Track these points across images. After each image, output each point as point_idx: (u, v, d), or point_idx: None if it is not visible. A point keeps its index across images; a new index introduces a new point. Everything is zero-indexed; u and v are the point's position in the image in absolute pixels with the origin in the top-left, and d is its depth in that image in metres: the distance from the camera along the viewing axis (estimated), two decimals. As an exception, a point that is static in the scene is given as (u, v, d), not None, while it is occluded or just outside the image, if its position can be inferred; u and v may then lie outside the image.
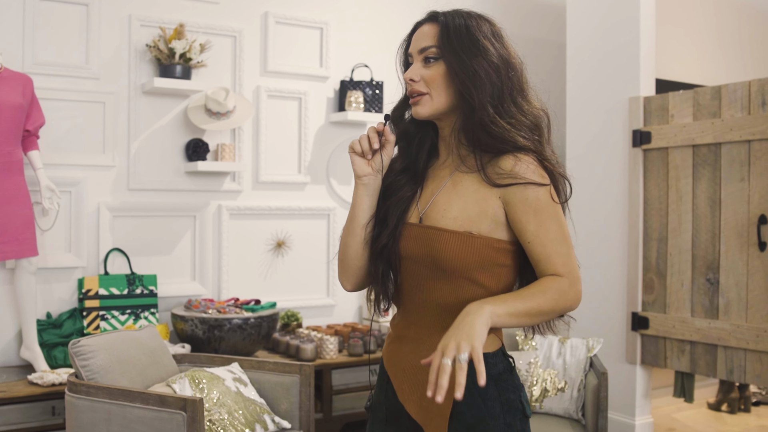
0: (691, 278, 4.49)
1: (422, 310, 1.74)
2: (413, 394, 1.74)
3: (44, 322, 4.27)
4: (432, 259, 1.68)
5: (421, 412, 1.72)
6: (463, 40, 1.70)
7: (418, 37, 1.76)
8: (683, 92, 4.55)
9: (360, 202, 1.77)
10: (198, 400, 2.81)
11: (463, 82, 1.68)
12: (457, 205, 1.70)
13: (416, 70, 1.73)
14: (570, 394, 3.73)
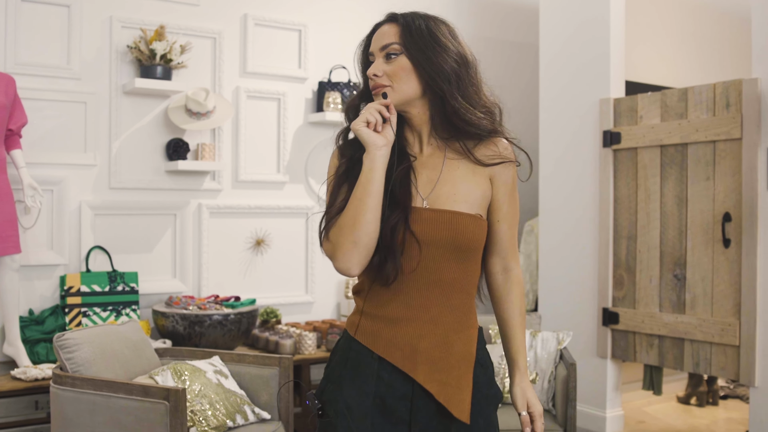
0: (659, 274, 4.63)
1: (432, 289, 1.78)
2: (431, 373, 1.77)
3: (26, 318, 4.34)
4: (454, 242, 1.76)
5: (443, 389, 1.77)
6: (425, 39, 1.83)
7: (379, 36, 1.86)
8: (651, 94, 4.69)
9: (378, 177, 1.74)
10: (181, 390, 2.90)
11: (431, 77, 1.80)
12: (462, 190, 1.81)
13: (379, 65, 1.82)
14: (541, 385, 3.85)
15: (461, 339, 1.80)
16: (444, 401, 1.76)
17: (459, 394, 1.77)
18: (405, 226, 1.75)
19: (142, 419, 2.94)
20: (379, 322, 1.80)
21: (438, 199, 1.80)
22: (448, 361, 1.78)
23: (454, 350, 1.79)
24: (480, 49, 6.48)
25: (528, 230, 5.70)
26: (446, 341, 1.78)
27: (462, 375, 1.78)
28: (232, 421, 3.33)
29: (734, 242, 4.24)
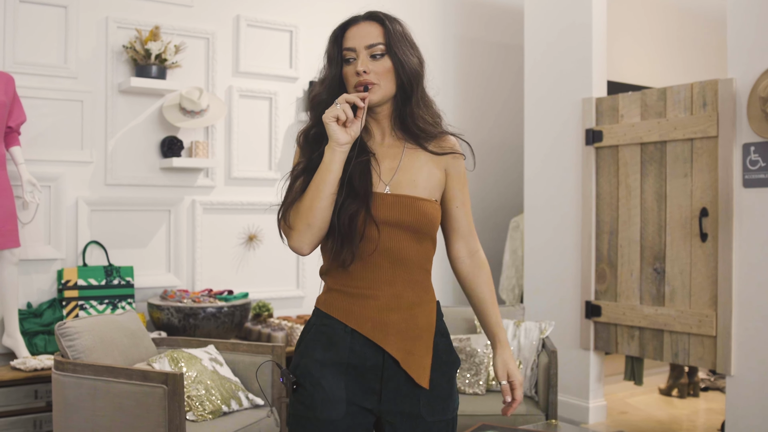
0: (639, 268, 4.78)
1: (396, 267, 1.95)
2: (398, 342, 1.94)
3: (25, 311, 4.45)
4: (415, 224, 1.95)
5: (406, 357, 1.94)
6: (404, 42, 1.99)
7: (363, 34, 1.98)
8: (632, 94, 4.84)
9: (336, 169, 1.89)
10: (179, 375, 3.03)
11: (408, 78, 1.98)
12: (421, 177, 1.99)
13: (367, 63, 1.95)
14: (524, 373, 4.00)
15: (423, 312, 1.98)
16: (407, 368, 1.94)
17: (421, 362, 1.95)
18: (365, 212, 1.91)
19: (142, 403, 3.06)
20: (349, 298, 1.96)
21: (399, 185, 1.97)
22: (413, 332, 1.95)
23: (418, 322, 1.96)
24: (466, 50, 6.66)
25: (513, 226, 5.84)
26: (411, 314, 1.96)
27: (424, 344, 1.97)
28: (227, 406, 3.46)
29: (711, 236, 4.40)
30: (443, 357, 2.02)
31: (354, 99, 1.88)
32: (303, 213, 1.90)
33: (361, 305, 1.95)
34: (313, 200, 1.89)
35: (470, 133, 6.19)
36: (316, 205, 1.88)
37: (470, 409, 3.77)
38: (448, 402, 2.01)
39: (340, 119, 1.88)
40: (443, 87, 6.21)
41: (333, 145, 1.89)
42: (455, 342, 4.08)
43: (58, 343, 3.34)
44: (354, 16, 2.04)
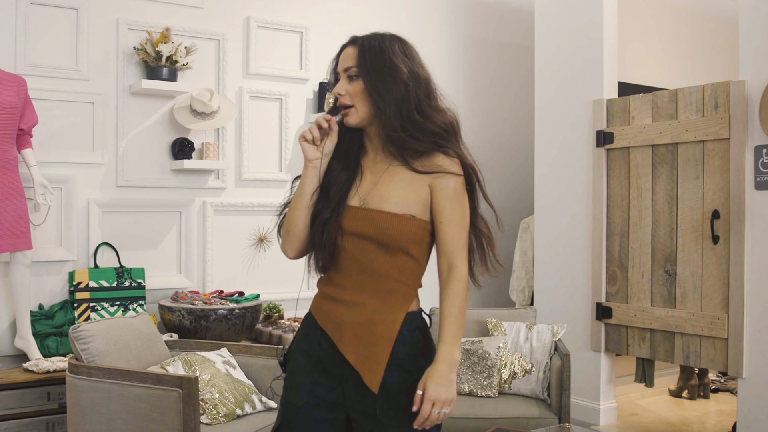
0: (650, 270, 4.78)
1: (361, 277, 2.07)
2: (353, 345, 2.05)
3: (37, 313, 4.46)
4: (378, 237, 2.03)
5: (360, 360, 2.04)
6: (377, 61, 2.04)
7: (344, 57, 2.09)
8: (643, 95, 4.83)
9: (309, 182, 2.08)
10: (193, 378, 3.03)
11: (375, 99, 2.04)
12: (396, 192, 2.06)
13: (342, 85, 2.07)
14: (536, 375, 4.00)
15: (386, 321, 2.04)
16: (360, 370, 2.04)
17: (374, 367, 2.03)
18: (336, 222, 2.05)
19: (156, 406, 3.07)
20: (324, 299, 2.13)
21: (372, 199, 2.07)
22: (369, 338, 2.04)
23: (376, 329, 2.04)
24: (476, 51, 6.66)
25: (524, 228, 5.84)
26: (371, 321, 2.04)
27: (379, 351, 2.03)
28: (241, 409, 3.46)
29: (723, 239, 4.39)
30: (405, 365, 2.05)
31: (320, 121, 2.04)
32: (285, 221, 2.13)
33: (330, 307, 2.09)
34: (291, 211, 2.10)
35: (480, 134, 6.25)
36: (291, 215, 2.10)
37: (484, 412, 3.77)
38: (407, 411, 2.00)
39: (307, 138, 2.05)
40: (453, 88, 6.21)
41: (305, 162, 2.08)
42: (467, 344, 4.08)
43: (72, 346, 3.35)
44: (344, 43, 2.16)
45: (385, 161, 2.10)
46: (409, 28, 5.98)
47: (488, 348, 4.05)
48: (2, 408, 3.89)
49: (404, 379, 2.05)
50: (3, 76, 4.20)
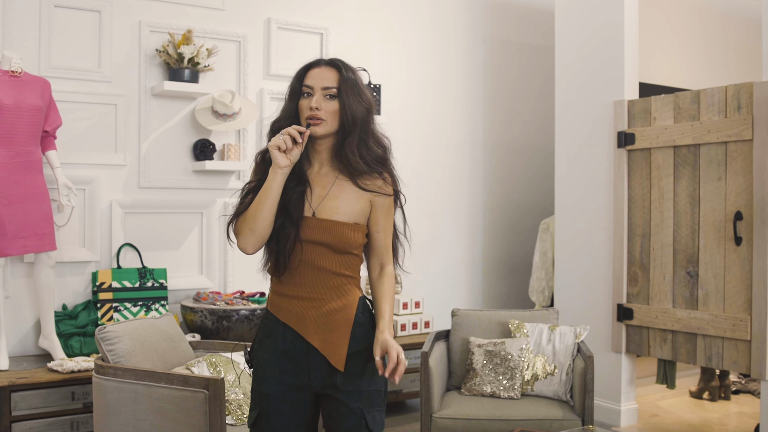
0: (672, 271, 4.76)
1: (317, 275, 2.37)
2: (318, 334, 2.37)
3: (60, 313, 4.50)
4: (333, 243, 2.36)
5: (325, 345, 2.37)
6: (353, 88, 2.35)
7: (322, 76, 2.35)
8: (665, 96, 4.82)
9: (278, 187, 2.30)
10: (219, 380, 3.05)
11: (350, 119, 2.34)
12: (344, 204, 2.39)
13: (320, 101, 2.33)
14: (559, 377, 4.00)
15: (341, 310, 2.39)
16: (325, 354, 2.37)
17: (337, 349, 2.37)
18: (295, 233, 2.32)
19: (182, 407, 3.09)
20: (282, 298, 2.41)
21: (324, 210, 2.37)
22: (330, 325, 2.37)
23: (335, 317, 2.38)
24: (497, 52, 6.66)
25: (544, 228, 5.83)
26: (329, 311, 2.37)
27: (341, 335, 2.38)
28: (265, 410, 3.48)
29: (745, 240, 4.37)
30: (361, 343, 2.42)
31: (295, 134, 2.26)
32: (249, 221, 2.30)
33: (290, 304, 2.38)
34: (257, 211, 2.29)
35: (500, 135, 6.25)
36: (259, 215, 2.29)
37: (507, 413, 3.77)
38: (362, 377, 2.40)
39: (281, 147, 2.25)
40: (473, 88, 6.21)
41: (275, 168, 2.28)
42: (490, 346, 4.09)
43: (99, 347, 3.37)
44: (318, 59, 2.42)
45: (331, 174, 2.40)
46: (430, 28, 5.99)
47: (511, 349, 4.05)
48: (27, 407, 3.92)
49: (360, 354, 2.40)
50: (27, 79, 4.24)
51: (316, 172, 2.41)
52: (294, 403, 2.41)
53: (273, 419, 2.41)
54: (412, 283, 5.85)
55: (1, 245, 4.08)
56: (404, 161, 5.79)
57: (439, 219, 6.06)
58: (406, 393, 5.15)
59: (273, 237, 2.35)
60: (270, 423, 2.41)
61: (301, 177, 2.38)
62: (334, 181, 2.40)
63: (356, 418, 2.39)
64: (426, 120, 5.98)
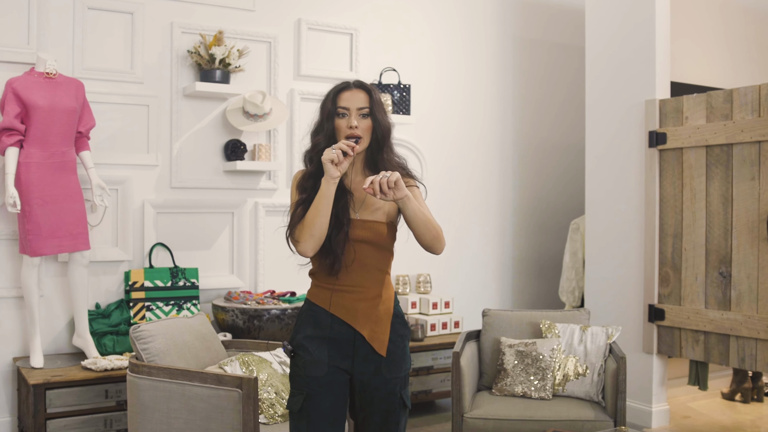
0: (704, 272, 4.72)
1: (363, 271, 2.68)
2: (366, 324, 2.68)
3: (94, 312, 4.55)
4: (374, 240, 2.67)
5: (372, 335, 2.68)
6: (380, 108, 2.69)
7: (355, 98, 2.66)
8: (697, 95, 4.78)
9: (331, 194, 2.56)
10: (252, 379, 3.07)
11: (381, 134, 2.68)
12: (379, 206, 2.70)
13: (356, 120, 2.63)
14: (591, 378, 3.98)
15: (383, 302, 2.71)
16: (371, 341, 2.67)
17: (381, 337, 2.69)
18: (345, 236, 2.62)
19: (216, 406, 3.12)
20: (331, 292, 2.68)
21: (365, 213, 2.69)
22: (376, 316, 2.69)
23: (379, 309, 2.70)
24: (525, 51, 6.63)
25: (574, 228, 5.81)
26: (374, 303, 2.69)
27: (384, 325, 2.70)
28: (297, 409, 3.50)
29: (780, 240, 4.33)
30: (398, 332, 2.75)
31: (346, 148, 2.52)
32: (307, 227, 2.57)
33: (339, 297, 2.67)
34: (314, 217, 2.56)
35: (528, 134, 6.24)
36: (317, 220, 2.56)
37: (539, 414, 3.76)
38: (400, 364, 2.74)
39: (333, 161, 2.51)
40: (502, 87, 6.20)
41: (327, 178, 2.54)
42: (521, 346, 4.08)
43: (133, 346, 3.41)
44: (347, 82, 2.70)
45: (365, 180, 2.63)
46: (460, 28, 5.98)
47: (542, 350, 4.04)
48: (62, 405, 3.97)
49: (397, 343, 2.73)
50: (62, 80, 4.29)
51: (352, 181, 2.72)
52: (340, 384, 2.69)
53: (322, 399, 2.67)
54: (442, 282, 5.85)
55: (36, 245, 4.13)
56: (434, 161, 5.82)
57: (469, 219, 6.05)
58: (436, 393, 5.15)
59: (326, 241, 2.62)
60: (319, 403, 2.67)
61: (342, 187, 2.67)
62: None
63: (395, 398, 2.73)
64: (456, 119, 5.98)
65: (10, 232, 4.38)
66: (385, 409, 2.73)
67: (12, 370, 4.42)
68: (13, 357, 4.42)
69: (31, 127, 4.14)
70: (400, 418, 2.78)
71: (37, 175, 4.13)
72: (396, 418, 2.76)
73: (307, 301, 2.77)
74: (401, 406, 2.76)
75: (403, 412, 2.79)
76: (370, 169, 2.71)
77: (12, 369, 4.42)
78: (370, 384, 2.70)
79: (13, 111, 4.10)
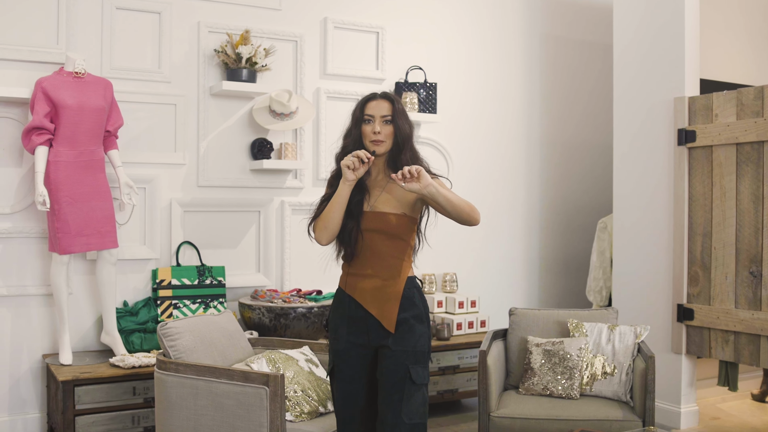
0: (734, 271, 4.67)
1: (375, 257, 3.03)
2: (374, 303, 3.02)
3: (121, 310, 4.58)
4: (384, 228, 3.01)
5: (380, 313, 3.01)
6: (403, 116, 3.05)
7: (379, 107, 3.03)
8: (727, 92, 4.72)
9: (345, 195, 2.95)
10: (279, 376, 3.08)
11: (402, 139, 3.03)
12: (394, 199, 3.04)
13: (380, 127, 3.00)
14: (619, 377, 3.94)
15: (392, 285, 3.03)
16: (379, 319, 3.01)
17: (389, 315, 3.01)
18: (357, 227, 3.00)
19: (243, 403, 3.12)
20: (349, 276, 3.08)
21: (378, 206, 3.03)
22: (383, 297, 3.02)
23: (387, 290, 3.02)
24: (551, 48, 6.61)
25: (601, 227, 5.76)
26: (383, 286, 3.02)
27: (392, 305, 3.01)
28: (324, 407, 3.50)
29: (812, 239, 4.26)
30: (408, 311, 3.05)
31: (363, 157, 2.90)
32: (322, 220, 3.00)
33: (354, 280, 3.06)
34: (329, 213, 2.98)
35: (555, 132, 6.21)
36: (330, 216, 2.98)
37: (566, 413, 3.73)
38: (408, 339, 3.02)
39: (349, 167, 2.90)
40: (529, 84, 6.17)
41: (344, 180, 2.93)
42: (548, 345, 4.06)
43: (160, 343, 3.43)
44: (374, 93, 3.09)
45: (384, 179, 3.07)
46: (487, 25, 5.96)
47: (569, 349, 4.01)
48: (90, 401, 4.00)
49: (406, 320, 3.02)
50: (90, 80, 4.33)
51: (373, 179, 3.08)
52: (358, 357, 3.05)
53: (343, 369, 3.05)
54: (468, 282, 5.83)
55: (65, 243, 4.17)
56: (461, 160, 5.81)
57: (496, 217, 6.03)
58: (462, 392, 5.13)
59: (342, 232, 3.01)
60: (341, 372, 3.06)
61: (361, 186, 3.04)
62: (386, 184, 3.06)
63: (403, 372, 2.99)
64: (483, 118, 5.96)
65: (39, 230, 4.42)
66: (391, 380, 3.00)
67: (41, 366, 4.46)
68: (42, 354, 4.46)
69: (60, 126, 4.18)
70: (405, 391, 2.99)
71: (66, 174, 4.17)
72: (400, 389, 2.98)
73: (338, 287, 3.17)
74: (408, 380, 2.99)
75: (412, 386, 3.00)
76: (391, 168, 3.05)
77: (41, 366, 4.46)
78: (382, 356, 3.04)
79: (43, 110, 4.14)
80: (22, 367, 4.43)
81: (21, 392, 4.42)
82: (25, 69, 4.39)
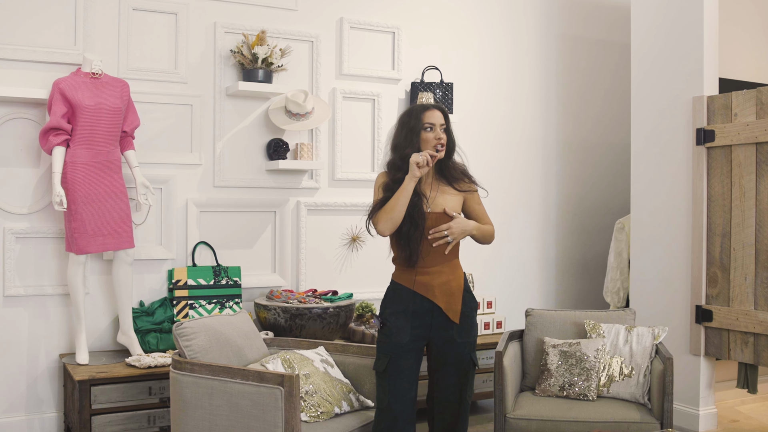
0: (754, 272, 4.62)
1: (438, 254, 3.38)
2: (442, 297, 3.39)
3: (138, 310, 4.59)
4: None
5: (447, 306, 3.39)
6: (449, 125, 3.46)
7: (436, 116, 3.41)
8: (746, 91, 4.68)
9: (410, 189, 3.29)
10: (294, 377, 3.07)
11: (452, 146, 3.47)
12: (447, 201, 3.42)
13: (440, 134, 3.39)
14: (636, 379, 3.91)
15: (455, 280, 3.43)
16: (446, 311, 3.39)
17: (455, 308, 3.41)
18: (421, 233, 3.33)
19: (258, 403, 3.12)
20: (413, 274, 3.38)
21: (435, 207, 3.39)
22: (449, 291, 3.41)
23: (452, 285, 3.42)
24: (568, 48, 6.57)
25: (619, 228, 5.72)
26: (448, 281, 3.41)
27: (456, 298, 3.42)
28: (339, 407, 3.49)
29: (833, 240, 4.21)
30: (468, 304, 3.47)
31: (432, 155, 3.28)
32: (388, 211, 3.29)
33: (419, 277, 3.37)
34: (395, 205, 3.28)
35: (571, 132, 6.19)
36: (397, 207, 3.29)
37: (583, 415, 3.70)
38: (470, 330, 3.47)
39: (419, 164, 3.25)
40: (545, 84, 6.14)
41: (410, 177, 3.28)
42: (565, 346, 4.03)
43: (176, 343, 3.43)
44: (428, 104, 3.42)
45: (435, 182, 3.45)
46: (502, 25, 5.94)
47: (586, 350, 3.98)
48: (106, 401, 4.01)
49: (467, 314, 3.45)
50: (107, 80, 4.34)
51: (424, 182, 3.42)
52: (418, 349, 3.41)
53: (404, 361, 3.35)
54: (484, 282, 5.80)
55: (82, 243, 4.18)
56: (477, 160, 5.78)
57: (512, 217, 6.00)
58: (478, 393, 5.11)
59: (404, 237, 3.34)
60: (401, 364, 3.34)
61: (416, 190, 3.34)
62: (438, 186, 3.43)
63: (467, 360, 3.44)
64: (499, 118, 5.93)
65: (56, 230, 4.44)
66: (457, 368, 3.43)
67: (58, 366, 4.48)
68: (59, 353, 4.48)
69: (77, 127, 4.19)
70: (470, 375, 3.47)
71: (83, 174, 4.18)
72: (465, 375, 3.44)
73: (393, 282, 3.46)
74: (471, 364, 3.46)
75: (472, 370, 3.48)
76: (440, 174, 3.46)
77: (58, 365, 4.48)
78: (444, 347, 3.40)
79: (60, 111, 4.15)
80: (39, 366, 4.45)
81: (38, 391, 4.44)
82: (43, 70, 4.41)
